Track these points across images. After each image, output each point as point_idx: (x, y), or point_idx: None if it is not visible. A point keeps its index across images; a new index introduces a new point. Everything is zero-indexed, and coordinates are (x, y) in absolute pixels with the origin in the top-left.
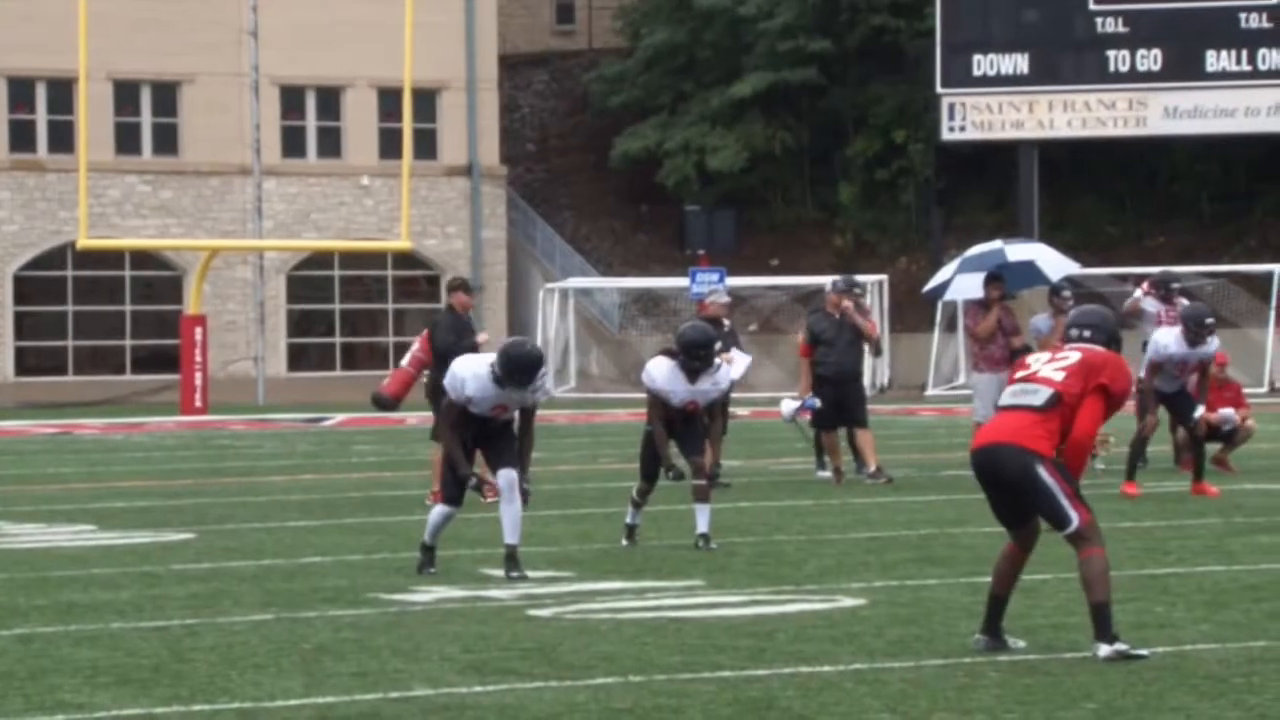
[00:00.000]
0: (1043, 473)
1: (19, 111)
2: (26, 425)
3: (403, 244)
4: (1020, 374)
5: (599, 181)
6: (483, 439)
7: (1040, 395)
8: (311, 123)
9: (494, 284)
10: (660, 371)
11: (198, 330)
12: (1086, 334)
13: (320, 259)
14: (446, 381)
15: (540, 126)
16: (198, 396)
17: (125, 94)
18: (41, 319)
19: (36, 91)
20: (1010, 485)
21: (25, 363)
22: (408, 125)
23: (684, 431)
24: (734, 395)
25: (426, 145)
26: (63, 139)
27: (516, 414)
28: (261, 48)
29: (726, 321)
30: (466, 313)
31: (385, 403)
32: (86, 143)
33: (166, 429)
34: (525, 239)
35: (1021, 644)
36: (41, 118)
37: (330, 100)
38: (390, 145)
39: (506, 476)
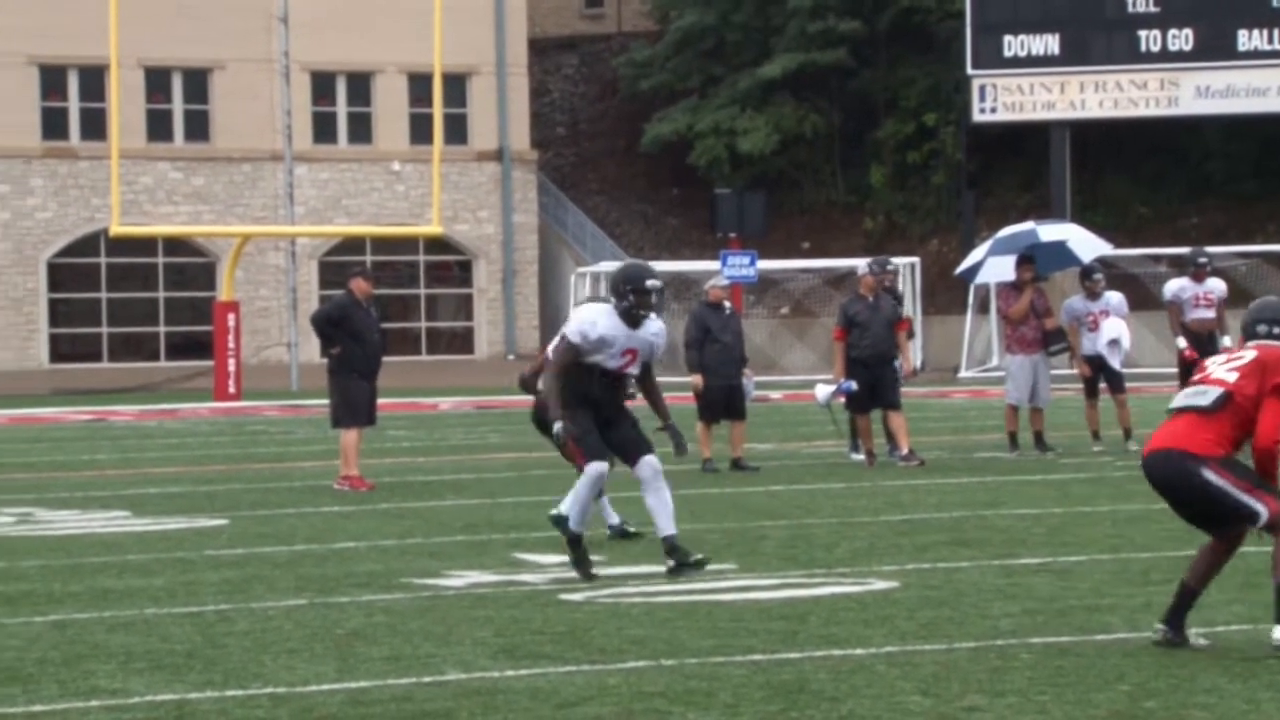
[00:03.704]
0: (1209, 475)
1: (51, 99)
2: (61, 412)
3: (434, 229)
4: (1196, 377)
5: (629, 165)
6: (607, 425)
7: (1208, 396)
8: (342, 108)
9: (525, 268)
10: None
11: (230, 316)
12: (1266, 329)
13: (352, 244)
14: (574, 326)
15: (570, 110)
16: (231, 382)
17: (157, 81)
18: (75, 306)
19: (69, 79)
20: (1177, 491)
21: (60, 349)
22: (438, 110)
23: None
24: (766, 379)
25: (457, 130)
26: (95, 126)
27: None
28: (292, 33)
29: (728, 304)
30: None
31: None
32: (118, 130)
33: (200, 415)
34: (556, 223)
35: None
36: (74, 105)
37: (361, 86)
38: (421, 130)
39: (650, 464)
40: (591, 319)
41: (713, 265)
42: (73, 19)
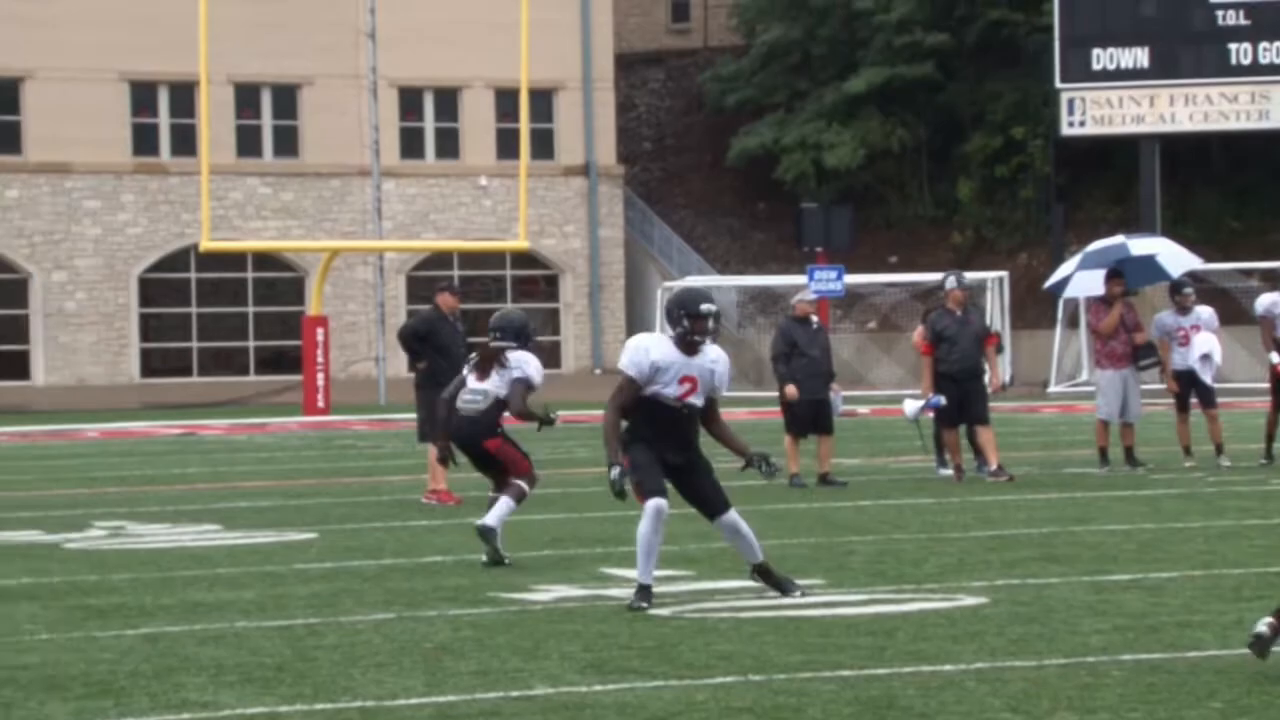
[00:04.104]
0: None
1: (142, 115)
2: (152, 426)
3: (521, 244)
4: None
5: (715, 179)
6: (681, 473)
7: None
8: (430, 124)
9: (612, 282)
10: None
11: (319, 331)
12: None
13: (439, 259)
14: (626, 358)
15: (656, 125)
16: (320, 397)
17: (246, 97)
18: (166, 320)
19: (159, 95)
20: None
21: (151, 364)
22: (525, 125)
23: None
24: (854, 393)
25: (544, 145)
26: (185, 142)
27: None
28: (379, 49)
29: (815, 319)
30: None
31: None
32: (208, 146)
33: (289, 429)
34: (642, 238)
35: None
36: (164, 121)
37: (448, 101)
38: (508, 145)
39: (730, 523)
40: (644, 346)
41: (799, 280)
42: (163, 36)
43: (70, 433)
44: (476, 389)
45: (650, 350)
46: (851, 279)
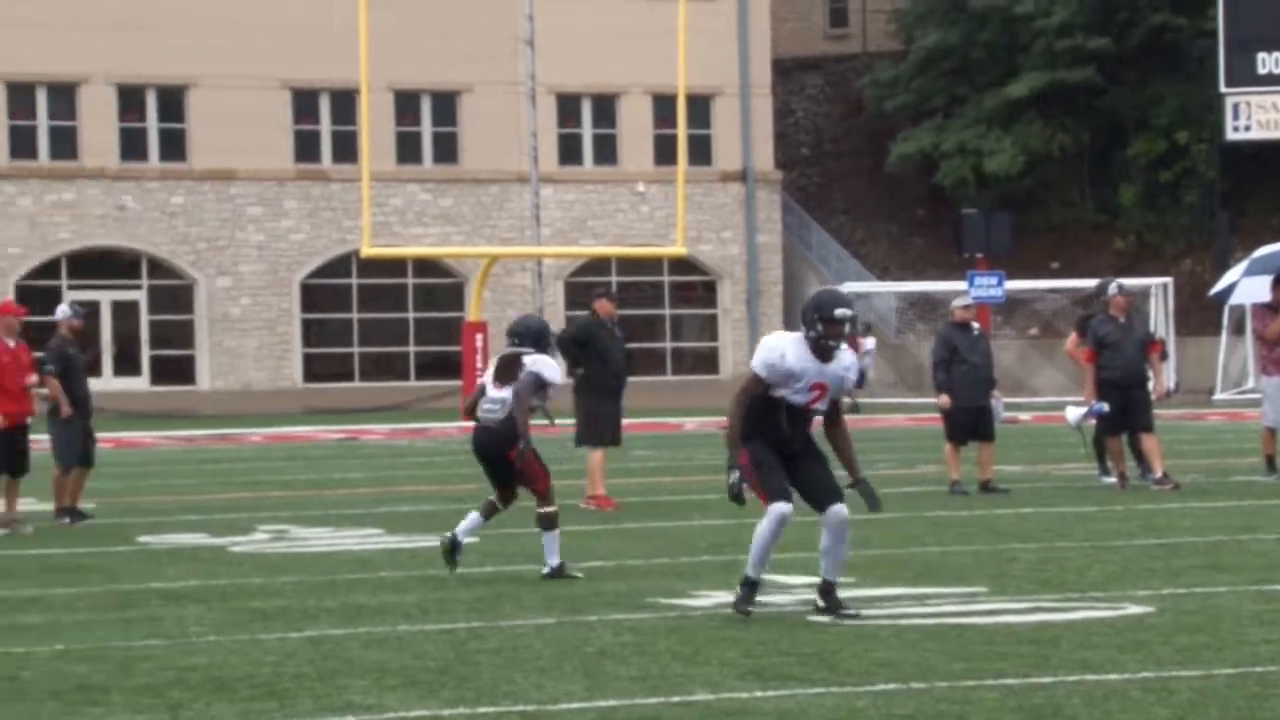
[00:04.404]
0: None
1: (304, 122)
2: (315, 430)
3: (678, 250)
4: None
5: (874, 185)
6: (793, 461)
7: None
8: (587, 130)
9: (769, 289)
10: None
11: (479, 336)
12: None
13: (597, 265)
14: (760, 357)
15: (814, 131)
16: None
17: (406, 104)
18: (328, 326)
19: (320, 102)
20: None
21: (313, 369)
22: (682, 131)
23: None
24: (1015, 400)
25: (701, 151)
26: (346, 149)
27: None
28: (538, 56)
29: (975, 325)
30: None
31: None
32: (369, 152)
33: (449, 434)
34: (800, 243)
35: None
36: (325, 128)
37: (606, 107)
38: (665, 151)
39: (838, 515)
40: (780, 349)
41: (958, 285)
42: (324, 44)
43: (234, 437)
44: (495, 397)
45: (786, 355)
46: (1012, 285)
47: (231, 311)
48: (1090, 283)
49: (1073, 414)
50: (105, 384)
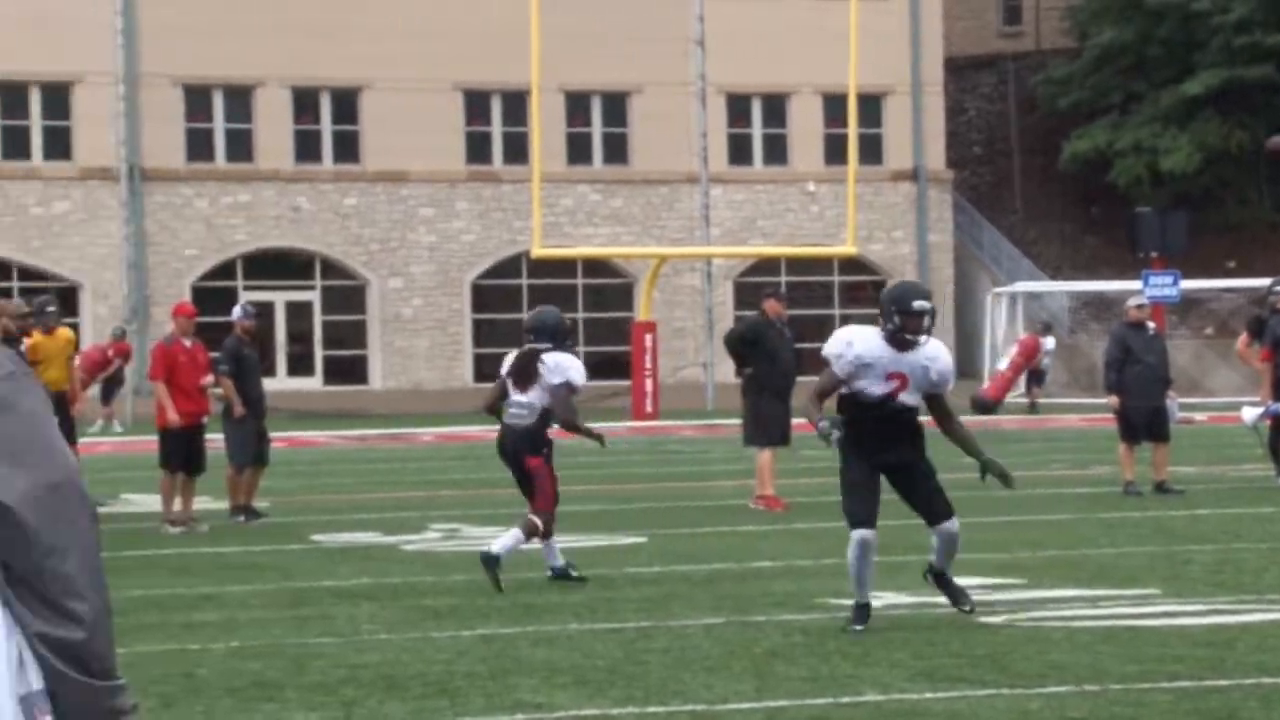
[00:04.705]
0: None
1: (475, 124)
2: (485, 430)
3: (849, 249)
4: None
5: (1046, 184)
6: (899, 473)
7: None
8: (758, 130)
9: (941, 289)
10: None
11: (648, 337)
12: None
13: (767, 265)
14: (828, 347)
15: (987, 129)
16: (649, 402)
17: (576, 105)
18: (498, 326)
19: (491, 104)
20: None
21: (483, 369)
22: (853, 131)
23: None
24: (1190, 400)
25: (872, 150)
26: (517, 150)
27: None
28: (708, 57)
29: (1150, 325)
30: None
31: (986, 405)
32: (540, 153)
33: (618, 434)
34: (972, 243)
35: None
36: (496, 129)
37: (776, 107)
38: (836, 151)
39: (949, 532)
40: (846, 339)
41: (1133, 285)
42: (496, 46)
43: (406, 436)
44: (522, 402)
45: (854, 343)
46: (1188, 284)
47: (403, 312)
48: (1269, 282)
49: (1249, 414)
50: (280, 384)
